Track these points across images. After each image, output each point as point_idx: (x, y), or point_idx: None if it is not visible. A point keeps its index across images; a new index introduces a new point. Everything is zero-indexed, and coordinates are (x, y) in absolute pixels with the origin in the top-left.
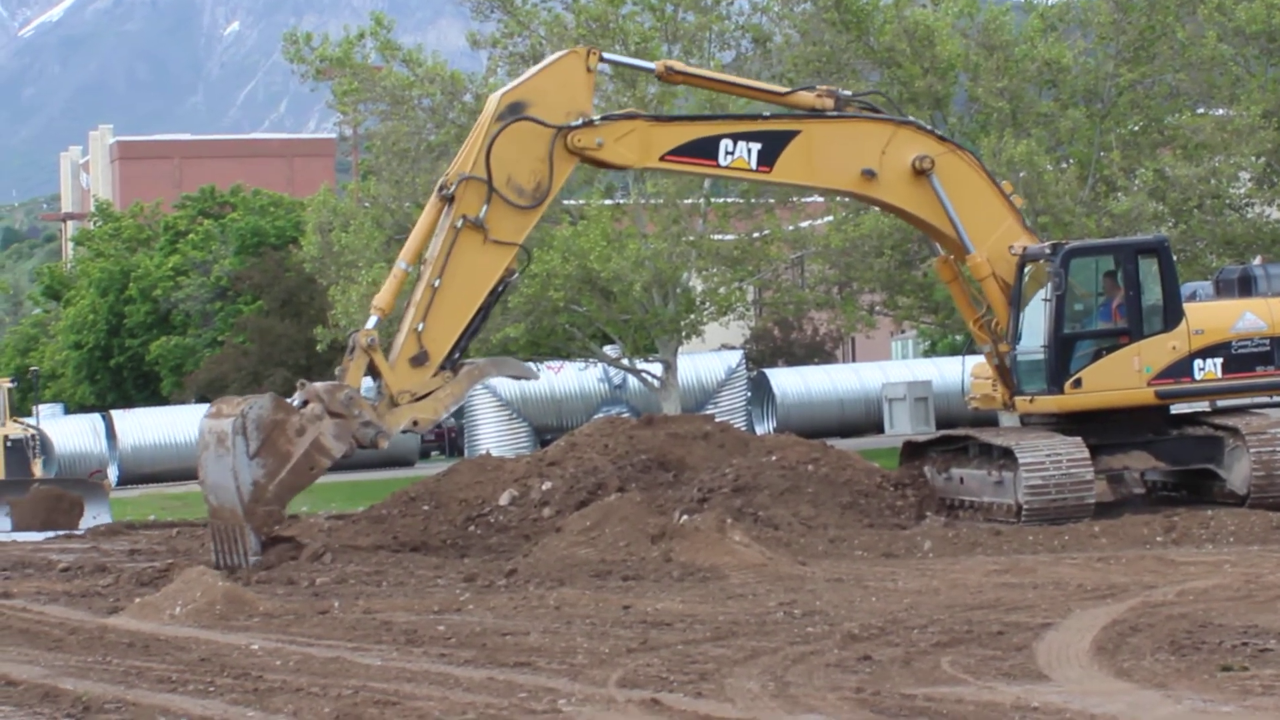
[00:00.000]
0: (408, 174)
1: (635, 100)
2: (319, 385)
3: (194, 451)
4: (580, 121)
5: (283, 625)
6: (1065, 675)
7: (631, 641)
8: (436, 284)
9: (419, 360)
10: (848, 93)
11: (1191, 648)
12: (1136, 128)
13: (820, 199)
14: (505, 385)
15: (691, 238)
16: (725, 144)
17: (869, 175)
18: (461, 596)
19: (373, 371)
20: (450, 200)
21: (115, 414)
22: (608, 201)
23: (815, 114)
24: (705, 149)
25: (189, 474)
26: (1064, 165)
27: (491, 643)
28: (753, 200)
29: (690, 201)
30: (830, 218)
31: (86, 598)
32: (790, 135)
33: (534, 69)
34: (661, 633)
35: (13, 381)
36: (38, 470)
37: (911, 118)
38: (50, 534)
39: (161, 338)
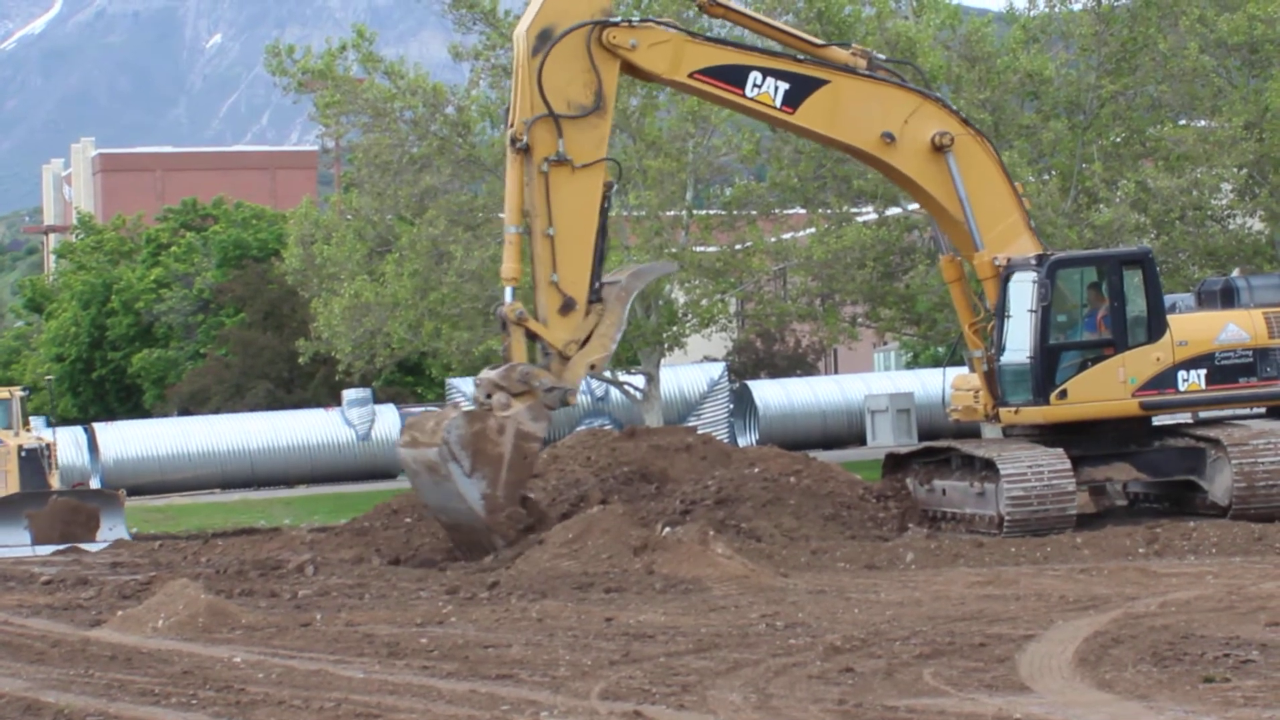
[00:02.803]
0: (390, 186)
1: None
2: (492, 374)
3: (175, 464)
4: (619, 19)
5: (265, 638)
6: (1047, 686)
7: (614, 653)
8: (551, 232)
9: (568, 308)
10: (881, 56)
11: (1173, 659)
12: (1118, 139)
13: (802, 210)
14: None
15: (674, 250)
16: (754, 76)
17: (888, 139)
18: (444, 609)
19: (533, 339)
20: (525, 151)
21: (98, 426)
22: None
23: (847, 70)
24: (734, 76)
25: (171, 486)
26: (1046, 177)
27: (474, 655)
28: (735, 212)
29: (672, 214)
30: (812, 229)
31: (68, 610)
32: (819, 83)
33: None
34: (644, 645)
35: (25, 391)
36: (54, 481)
37: (939, 94)
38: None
39: (144, 350)
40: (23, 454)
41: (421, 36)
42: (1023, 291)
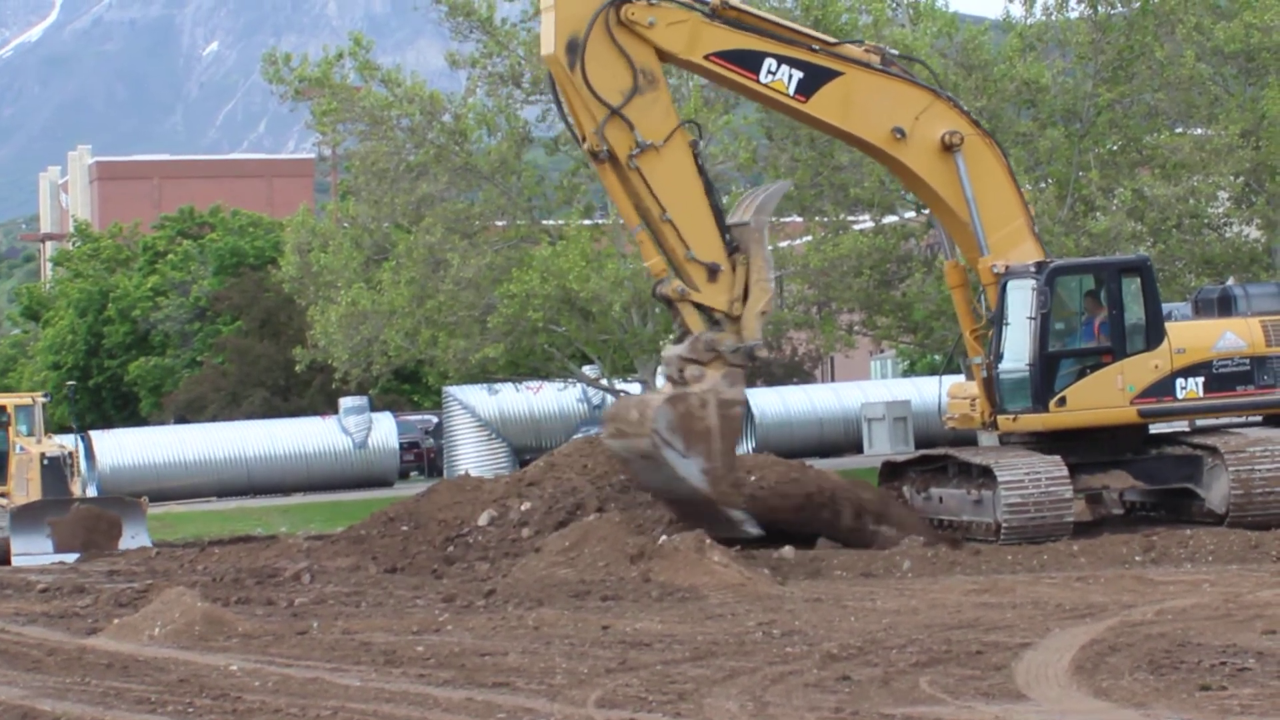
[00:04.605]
0: (386, 194)
1: None
2: (678, 349)
3: (172, 472)
4: None
5: (261, 646)
6: (1044, 694)
7: (610, 662)
8: (667, 217)
9: (714, 273)
10: (894, 52)
11: (1170, 667)
12: (1115, 147)
13: (799, 218)
14: (484, 405)
15: None
16: (769, 62)
17: (898, 135)
18: (440, 617)
19: (700, 309)
20: (611, 158)
21: (94, 434)
22: (586, 222)
23: (860, 64)
24: (749, 61)
25: (168, 494)
26: (1043, 185)
27: (470, 663)
28: None
29: None
30: (809, 237)
31: (65, 618)
32: (833, 74)
33: (547, 5)
34: (640, 653)
35: (46, 396)
36: (77, 489)
37: (950, 93)
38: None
39: (140, 358)
40: (45, 461)
41: (418, 44)
42: (1021, 299)
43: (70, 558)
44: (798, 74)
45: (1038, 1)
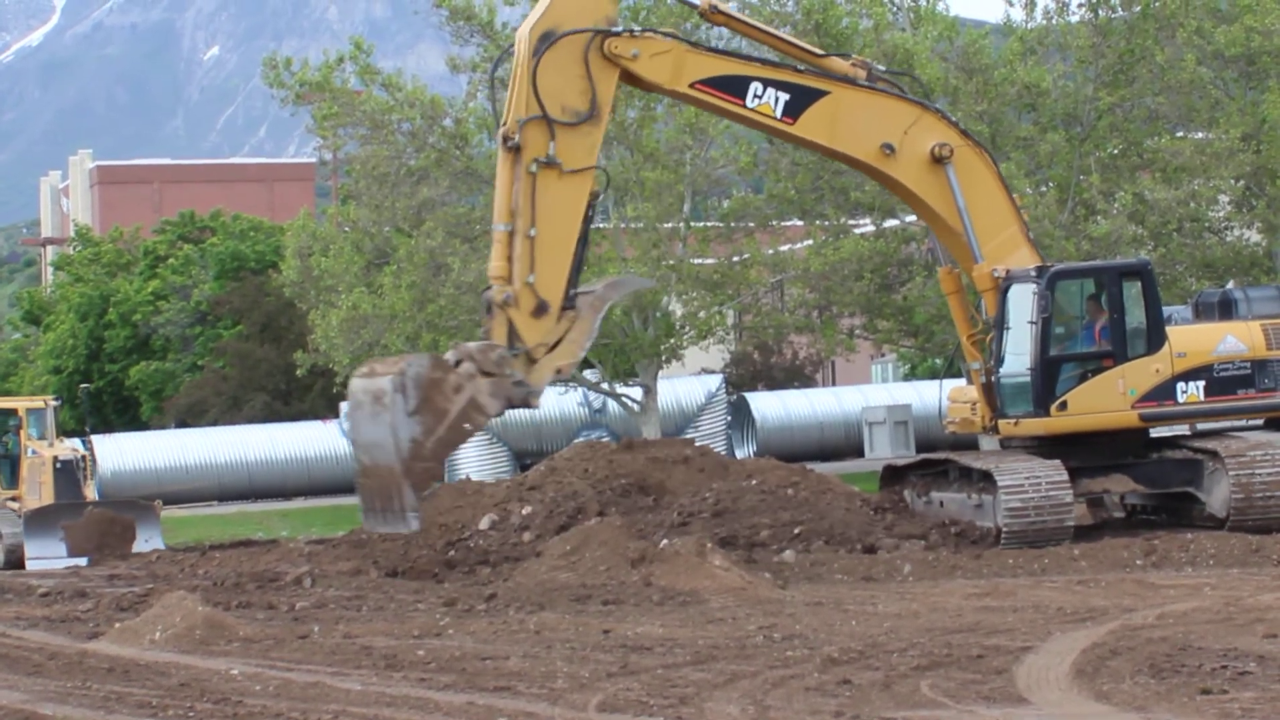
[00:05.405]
0: (387, 198)
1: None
2: (472, 345)
3: (173, 476)
4: (620, 29)
5: (262, 650)
6: (1045, 698)
7: (611, 666)
8: (532, 233)
9: (541, 310)
10: (881, 67)
11: (1171, 671)
12: (1116, 151)
13: (800, 222)
14: None
15: (671, 262)
16: (755, 86)
17: (888, 150)
18: (441, 621)
19: (512, 330)
20: (517, 150)
21: (95, 439)
22: None
23: (847, 80)
24: (735, 86)
25: (169, 499)
26: (1043, 189)
27: (471, 667)
28: (732, 224)
29: (670, 226)
30: (810, 241)
31: (66, 623)
32: (820, 93)
33: None
34: (641, 657)
35: (57, 400)
36: (90, 493)
37: (938, 105)
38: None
39: (141, 363)
40: (58, 465)
41: (419, 49)
42: (1022, 303)
43: (84, 561)
44: (784, 96)
45: (1038, 5)
